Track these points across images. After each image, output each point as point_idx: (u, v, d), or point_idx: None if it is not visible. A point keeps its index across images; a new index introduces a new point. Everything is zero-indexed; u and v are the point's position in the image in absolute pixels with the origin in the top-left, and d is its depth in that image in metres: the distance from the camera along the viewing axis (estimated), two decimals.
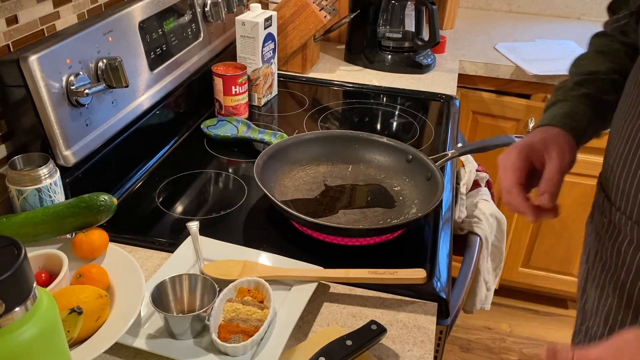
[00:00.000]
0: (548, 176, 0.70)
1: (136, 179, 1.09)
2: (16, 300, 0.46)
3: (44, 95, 0.86)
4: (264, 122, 1.33)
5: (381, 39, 1.63)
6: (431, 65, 1.65)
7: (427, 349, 0.74)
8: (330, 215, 0.97)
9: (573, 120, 0.77)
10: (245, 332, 0.71)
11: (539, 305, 2.18)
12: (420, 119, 1.38)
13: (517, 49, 1.81)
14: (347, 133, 1.12)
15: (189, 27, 1.27)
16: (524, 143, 0.74)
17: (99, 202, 0.82)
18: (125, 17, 1.05)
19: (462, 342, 2.04)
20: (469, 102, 1.78)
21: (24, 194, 0.81)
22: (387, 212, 0.98)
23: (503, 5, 2.22)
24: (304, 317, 0.78)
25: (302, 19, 1.47)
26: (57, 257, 0.76)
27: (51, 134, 0.89)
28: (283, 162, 1.06)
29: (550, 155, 0.72)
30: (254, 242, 0.91)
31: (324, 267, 0.83)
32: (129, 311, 0.72)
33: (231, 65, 1.31)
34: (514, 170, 0.72)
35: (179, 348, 0.70)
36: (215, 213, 1.00)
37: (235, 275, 0.81)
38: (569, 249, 1.95)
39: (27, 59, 0.84)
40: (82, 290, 0.71)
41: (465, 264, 1.08)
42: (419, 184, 1.02)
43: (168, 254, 0.89)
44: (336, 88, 1.54)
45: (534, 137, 0.75)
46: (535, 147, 0.73)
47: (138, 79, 1.09)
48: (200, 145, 1.22)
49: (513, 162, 0.72)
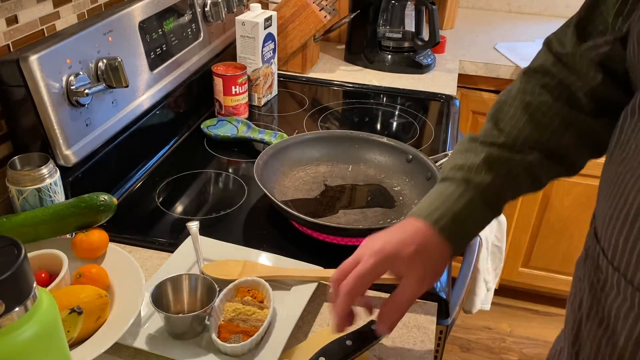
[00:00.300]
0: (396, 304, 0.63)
1: (136, 179, 1.09)
2: (16, 300, 0.46)
3: (44, 95, 0.86)
4: (264, 122, 1.33)
5: (381, 39, 1.63)
6: (431, 65, 1.65)
7: (427, 349, 0.74)
8: (330, 215, 0.97)
9: (460, 229, 0.65)
10: (245, 332, 0.71)
11: (539, 305, 2.18)
12: (420, 119, 1.38)
13: (517, 49, 1.81)
14: (347, 133, 1.12)
15: (189, 27, 1.27)
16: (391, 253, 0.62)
17: (99, 202, 0.82)
18: (125, 17, 1.05)
19: (462, 342, 2.04)
20: (469, 102, 1.78)
21: (24, 194, 0.81)
22: (387, 212, 0.98)
23: (503, 5, 2.22)
24: (304, 317, 0.78)
25: (302, 19, 1.47)
26: (57, 257, 0.76)
27: (51, 134, 0.89)
28: (283, 162, 1.06)
29: (409, 280, 0.63)
30: (254, 242, 0.91)
31: (324, 267, 0.83)
32: (129, 311, 0.72)
33: (231, 65, 1.31)
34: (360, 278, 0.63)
35: (179, 348, 0.70)
36: (215, 213, 1.00)
37: (235, 275, 0.81)
38: (569, 249, 1.95)
39: (27, 59, 0.84)
40: (82, 290, 0.71)
41: (465, 264, 1.08)
42: (419, 184, 1.02)
43: (168, 254, 0.89)
44: (336, 88, 1.54)
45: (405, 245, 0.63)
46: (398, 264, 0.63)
47: (138, 79, 1.09)
48: (200, 145, 1.22)
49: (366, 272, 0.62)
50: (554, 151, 0.69)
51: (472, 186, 0.66)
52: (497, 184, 0.67)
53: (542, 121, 0.68)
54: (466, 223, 0.66)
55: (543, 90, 0.69)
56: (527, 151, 0.68)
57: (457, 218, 0.65)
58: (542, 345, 2.04)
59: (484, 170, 0.67)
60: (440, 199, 0.66)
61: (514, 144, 0.68)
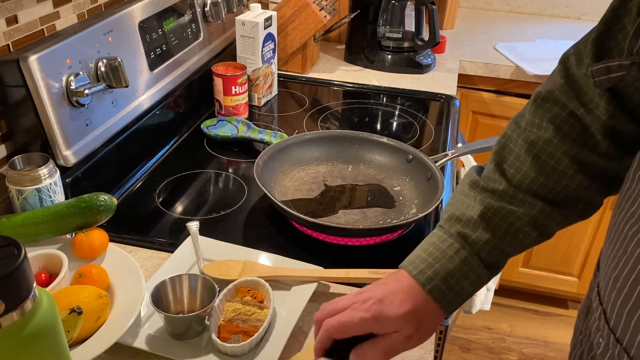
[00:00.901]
0: (376, 351, 0.58)
1: (136, 179, 1.09)
2: (16, 300, 0.46)
3: (44, 95, 0.86)
4: (264, 122, 1.33)
5: (381, 39, 1.63)
6: (431, 65, 1.65)
7: (427, 349, 0.74)
8: (330, 215, 0.97)
9: (451, 291, 0.60)
10: (245, 332, 0.71)
11: (539, 305, 2.18)
12: (420, 119, 1.38)
13: (517, 49, 1.81)
14: (347, 133, 1.12)
15: (189, 27, 1.27)
16: (382, 314, 0.57)
17: (99, 202, 0.82)
18: (125, 17, 1.05)
19: (462, 342, 2.04)
20: (469, 102, 1.78)
21: (24, 194, 0.81)
22: (387, 212, 0.98)
23: (503, 5, 2.22)
24: (304, 317, 0.78)
25: (302, 19, 1.47)
26: (57, 257, 0.76)
27: (51, 134, 0.89)
28: (283, 162, 1.06)
29: (396, 335, 0.58)
30: (253, 242, 0.91)
31: (324, 267, 0.83)
32: (129, 311, 0.72)
33: (231, 65, 1.31)
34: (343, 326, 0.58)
35: (179, 348, 0.70)
36: (215, 213, 1.00)
37: (235, 275, 0.81)
38: (569, 249, 1.95)
39: (27, 59, 0.84)
40: (82, 290, 0.71)
41: None
42: (419, 184, 1.02)
43: (168, 254, 0.89)
44: (336, 88, 1.54)
45: (399, 304, 0.58)
46: (387, 324, 0.58)
47: (138, 79, 1.09)
48: (200, 145, 1.22)
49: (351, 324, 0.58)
50: (563, 196, 0.62)
51: (469, 243, 0.61)
52: (495, 241, 0.61)
53: (547, 163, 0.61)
54: (459, 284, 0.60)
55: (550, 124, 0.62)
56: (530, 201, 0.61)
57: (449, 279, 0.59)
58: (542, 345, 2.04)
59: (480, 226, 0.61)
60: (434, 255, 0.61)
61: (516, 193, 0.62)
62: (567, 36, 1.94)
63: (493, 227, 0.61)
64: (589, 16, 2.14)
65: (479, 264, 0.61)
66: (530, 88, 1.72)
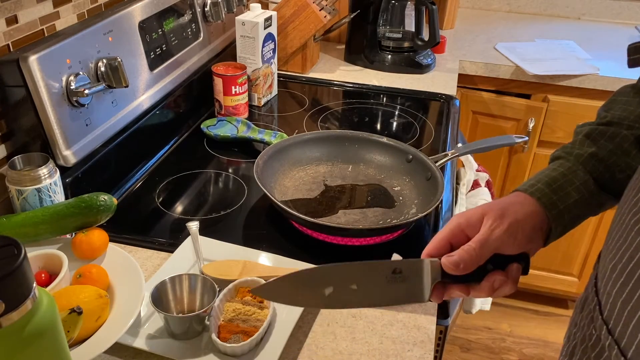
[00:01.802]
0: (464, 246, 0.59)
1: (136, 179, 1.09)
2: (16, 300, 0.46)
3: (43, 95, 0.86)
4: (264, 122, 1.33)
5: (381, 39, 1.63)
6: (431, 65, 1.65)
7: (427, 349, 0.74)
8: (330, 215, 0.97)
9: (555, 193, 0.60)
10: (245, 332, 0.71)
11: (539, 305, 2.18)
12: (420, 119, 1.38)
13: (517, 49, 1.81)
14: (347, 133, 1.12)
15: (189, 27, 1.27)
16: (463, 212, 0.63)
17: (99, 202, 0.82)
18: (125, 17, 1.05)
19: (462, 342, 2.04)
20: (469, 102, 1.78)
21: (24, 194, 0.81)
22: (387, 212, 0.98)
23: (503, 5, 2.22)
24: (304, 317, 0.78)
25: (302, 19, 1.47)
26: (57, 257, 0.76)
27: (51, 134, 0.89)
28: (283, 162, 1.06)
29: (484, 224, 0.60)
30: (253, 242, 0.91)
31: None
32: (129, 311, 0.72)
33: (231, 65, 1.31)
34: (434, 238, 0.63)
35: (179, 348, 0.70)
36: (215, 213, 1.00)
37: (235, 275, 0.81)
38: (568, 248, 1.95)
39: (27, 59, 0.84)
40: (82, 290, 0.71)
41: None
42: (419, 184, 1.02)
43: (168, 254, 0.89)
44: (336, 88, 1.54)
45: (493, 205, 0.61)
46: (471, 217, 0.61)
47: (138, 79, 1.09)
48: (200, 145, 1.22)
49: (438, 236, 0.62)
50: None
51: (573, 156, 0.61)
52: (602, 154, 0.60)
53: None
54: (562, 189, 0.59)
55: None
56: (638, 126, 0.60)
57: (551, 183, 0.60)
58: (542, 345, 2.04)
59: (586, 142, 0.61)
60: (536, 174, 0.62)
61: (622, 122, 0.61)
62: (566, 36, 1.94)
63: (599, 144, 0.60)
64: (589, 16, 2.14)
65: (583, 171, 0.59)
66: (530, 88, 1.72)
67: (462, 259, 0.58)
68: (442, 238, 0.61)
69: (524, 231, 0.59)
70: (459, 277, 0.59)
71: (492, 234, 0.58)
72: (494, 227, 0.58)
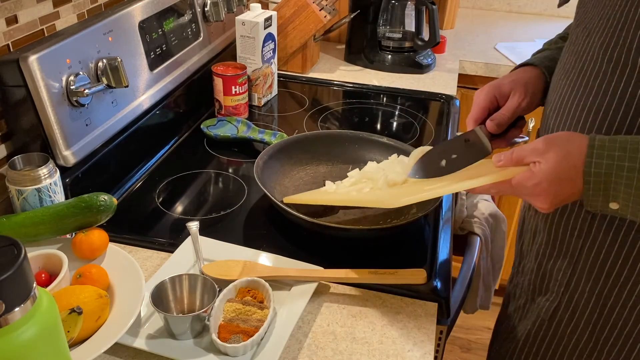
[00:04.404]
0: (500, 111, 0.82)
1: (136, 179, 1.09)
2: (16, 300, 0.46)
3: (43, 95, 0.86)
4: (264, 122, 1.33)
5: (381, 39, 1.63)
6: (431, 65, 1.65)
7: (427, 349, 0.74)
8: (330, 215, 0.97)
9: (551, 61, 0.85)
10: (245, 332, 0.71)
11: None
12: (420, 119, 1.38)
13: (517, 49, 1.81)
14: (347, 133, 1.12)
15: (189, 27, 1.27)
16: (494, 83, 0.85)
17: (99, 202, 0.82)
18: (125, 17, 1.05)
19: (462, 342, 2.04)
20: (469, 102, 1.77)
21: (24, 194, 0.81)
22: (387, 212, 0.98)
23: (503, 5, 2.22)
24: (304, 317, 0.78)
25: (302, 19, 1.47)
26: (57, 257, 0.76)
27: (51, 134, 0.89)
28: (283, 162, 1.06)
29: (512, 96, 0.82)
30: (254, 242, 0.91)
31: (324, 267, 0.83)
32: (129, 311, 0.72)
33: (231, 65, 1.31)
34: (475, 106, 0.84)
35: (179, 348, 0.70)
36: (215, 213, 1.00)
37: (235, 275, 0.81)
38: None
39: (27, 59, 0.84)
40: (82, 290, 0.71)
41: (465, 264, 1.08)
42: None
43: (168, 254, 0.89)
44: (336, 88, 1.54)
45: (507, 77, 0.85)
46: (502, 89, 0.83)
47: (138, 79, 1.09)
48: (200, 145, 1.22)
49: (478, 101, 0.84)
50: None
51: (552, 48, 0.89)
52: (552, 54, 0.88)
53: None
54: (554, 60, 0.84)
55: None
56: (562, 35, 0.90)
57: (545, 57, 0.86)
58: None
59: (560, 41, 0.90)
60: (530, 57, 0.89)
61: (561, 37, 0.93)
62: None
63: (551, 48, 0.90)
64: None
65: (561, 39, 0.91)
66: None
67: (500, 123, 0.81)
68: (482, 107, 0.83)
69: (537, 98, 0.85)
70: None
71: (519, 105, 0.82)
72: (520, 100, 0.82)
